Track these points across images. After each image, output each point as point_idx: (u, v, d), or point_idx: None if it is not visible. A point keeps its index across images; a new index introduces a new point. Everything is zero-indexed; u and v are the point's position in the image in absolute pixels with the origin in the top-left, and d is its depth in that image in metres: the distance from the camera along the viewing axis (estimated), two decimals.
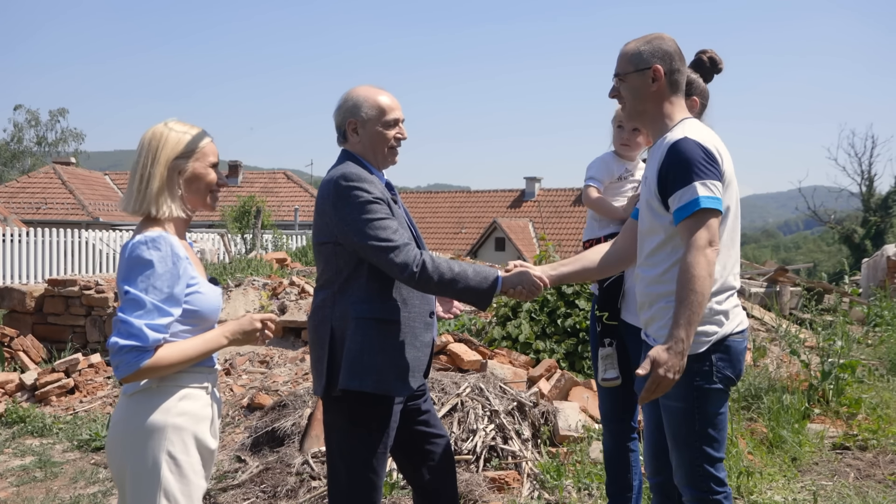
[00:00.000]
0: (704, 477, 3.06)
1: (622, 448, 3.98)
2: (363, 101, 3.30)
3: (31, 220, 26.74)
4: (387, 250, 3.09)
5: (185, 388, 2.66)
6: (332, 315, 3.21)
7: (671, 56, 3.10)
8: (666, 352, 2.82)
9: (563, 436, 5.49)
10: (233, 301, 8.75)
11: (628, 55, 3.15)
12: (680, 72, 3.13)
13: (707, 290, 2.82)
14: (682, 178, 2.89)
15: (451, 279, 3.16)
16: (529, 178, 43.54)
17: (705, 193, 2.86)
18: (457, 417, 5.35)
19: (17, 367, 8.40)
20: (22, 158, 55.70)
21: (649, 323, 3.13)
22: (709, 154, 2.92)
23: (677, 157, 2.92)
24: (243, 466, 5.47)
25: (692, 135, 2.95)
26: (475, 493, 4.74)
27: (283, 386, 7.06)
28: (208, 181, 2.79)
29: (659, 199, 3.00)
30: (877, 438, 5.82)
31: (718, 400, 3.05)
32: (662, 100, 3.12)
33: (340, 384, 3.16)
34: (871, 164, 47.92)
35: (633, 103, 3.18)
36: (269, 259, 12.55)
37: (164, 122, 2.76)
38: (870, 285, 13.96)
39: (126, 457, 2.60)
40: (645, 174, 3.17)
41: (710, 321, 2.98)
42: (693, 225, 2.86)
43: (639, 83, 3.13)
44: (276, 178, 40.10)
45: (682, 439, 3.07)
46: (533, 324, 7.36)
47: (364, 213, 3.12)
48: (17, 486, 5.61)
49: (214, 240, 19.14)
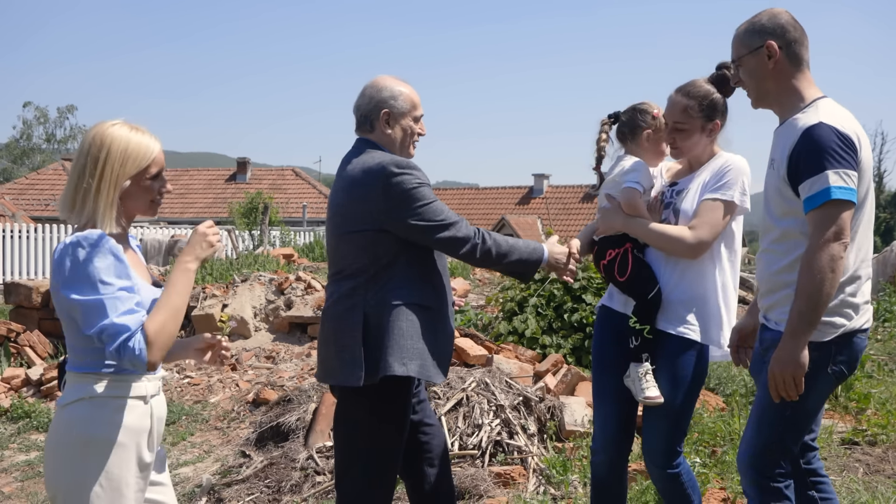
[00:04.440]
0: (773, 464, 2.95)
1: (619, 477, 3.55)
2: (398, 94, 3.29)
3: (40, 217, 26.81)
4: (448, 227, 3.18)
5: (120, 399, 2.54)
6: (366, 302, 3.16)
7: (784, 29, 2.96)
8: (780, 350, 2.79)
9: (570, 431, 5.45)
10: (239, 296, 8.73)
11: (739, 38, 3.04)
12: (798, 43, 2.97)
13: (829, 286, 2.73)
14: (813, 166, 2.76)
15: (508, 250, 3.29)
16: (538, 175, 43.43)
17: (838, 183, 2.72)
18: (462, 412, 5.32)
19: (24, 363, 8.41)
20: (31, 155, 55.84)
21: (771, 308, 3.01)
22: (845, 140, 2.77)
23: (811, 143, 2.78)
24: (248, 461, 5.45)
25: (828, 119, 2.80)
26: (480, 487, 4.71)
27: (289, 381, 7.03)
28: (150, 193, 2.65)
29: (788, 184, 2.87)
30: (886, 433, 5.77)
31: (822, 394, 2.95)
32: (785, 76, 2.98)
33: (383, 370, 3.10)
34: (880, 161, 47.73)
35: (756, 85, 3.05)
36: (276, 255, 12.54)
37: (111, 123, 2.60)
38: (879, 281, 13.87)
39: (58, 472, 2.51)
40: (772, 156, 3.02)
41: (840, 313, 2.87)
42: (822, 217, 2.74)
43: (755, 64, 3.00)
44: (284, 174, 40.11)
45: (766, 420, 2.96)
46: (539, 319, 7.33)
47: (420, 197, 3.16)
48: (22, 481, 5.61)
49: (222, 236, 19.13)
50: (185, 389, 7.35)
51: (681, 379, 3.32)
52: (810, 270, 2.73)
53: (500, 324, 7.53)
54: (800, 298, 2.76)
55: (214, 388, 7.29)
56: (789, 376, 2.79)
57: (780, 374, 2.80)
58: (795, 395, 2.82)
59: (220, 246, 2.73)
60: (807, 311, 2.75)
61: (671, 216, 3.40)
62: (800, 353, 2.77)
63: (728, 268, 3.39)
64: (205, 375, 7.62)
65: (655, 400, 3.28)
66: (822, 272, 2.71)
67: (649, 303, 3.33)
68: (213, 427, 6.47)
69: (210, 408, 6.85)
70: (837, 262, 2.72)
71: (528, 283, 3.40)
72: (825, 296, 2.73)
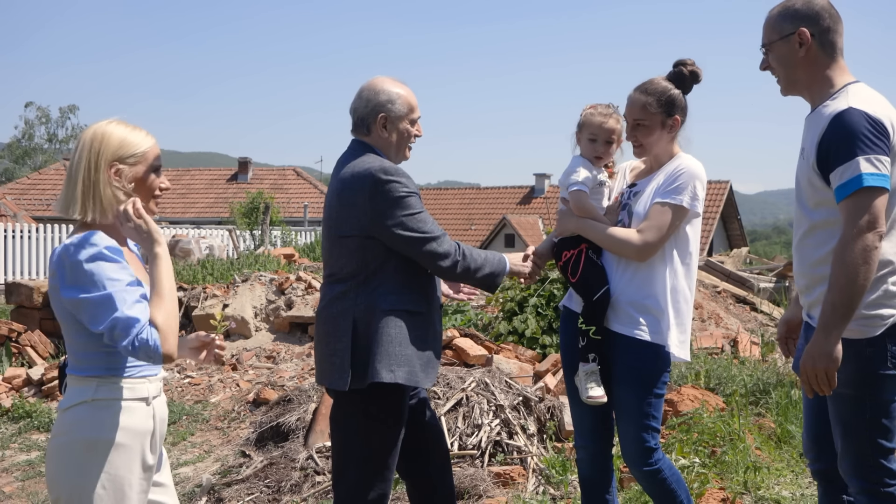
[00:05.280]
0: (875, 468, 2.87)
1: (603, 472, 3.61)
2: (396, 97, 3.27)
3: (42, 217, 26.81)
4: (429, 240, 3.17)
5: (122, 401, 2.53)
6: (355, 307, 3.16)
7: (818, 16, 2.87)
8: (813, 344, 2.72)
9: (569, 431, 5.44)
10: (239, 296, 8.74)
11: (771, 22, 2.95)
12: (832, 30, 2.88)
13: (863, 278, 2.64)
14: (844, 153, 2.67)
15: (481, 264, 3.29)
16: (539, 175, 43.43)
17: (869, 170, 2.64)
18: (462, 412, 5.32)
19: (25, 363, 8.42)
20: (33, 155, 55.91)
21: (813, 305, 2.92)
22: (876, 125, 2.69)
23: (840, 130, 2.70)
24: (247, 461, 5.46)
25: (858, 104, 2.72)
26: (480, 487, 4.71)
27: (290, 381, 7.04)
28: (149, 186, 2.64)
29: (819, 173, 2.79)
30: None
31: (892, 387, 2.85)
32: (817, 65, 2.90)
33: (371, 377, 3.10)
34: None
35: (785, 73, 2.97)
36: (277, 255, 12.54)
37: (107, 121, 2.61)
38: None
39: (61, 475, 2.51)
40: (802, 145, 2.96)
41: (886, 304, 2.78)
42: (854, 205, 2.65)
43: (785, 51, 2.93)
44: (285, 174, 40.11)
45: (851, 428, 2.87)
46: (539, 319, 7.33)
47: (405, 206, 3.14)
48: (23, 481, 5.62)
49: (223, 236, 19.16)
50: (186, 389, 7.35)
51: (637, 379, 3.36)
52: (843, 262, 2.65)
53: (500, 324, 7.53)
54: (833, 291, 2.68)
55: (215, 387, 7.29)
56: (822, 371, 2.72)
57: (813, 370, 2.74)
58: (829, 391, 2.76)
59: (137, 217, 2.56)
60: (840, 304, 2.66)
61: (626, 218, 3.44)
62: (833, 348, 2.70)
63: (681, 271, 3.39)
64: (205, 375, 7.63)
65: (598, 399, 3.35)
66: (856, 264, 2.63)
67: (594, 304, 3.39)
68: (213, 427, 6.48)
69: (210, 407, 6.85)
70: (871, 253, 2.64)
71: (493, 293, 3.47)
72: (859, 288, 2.65)
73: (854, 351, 2.77)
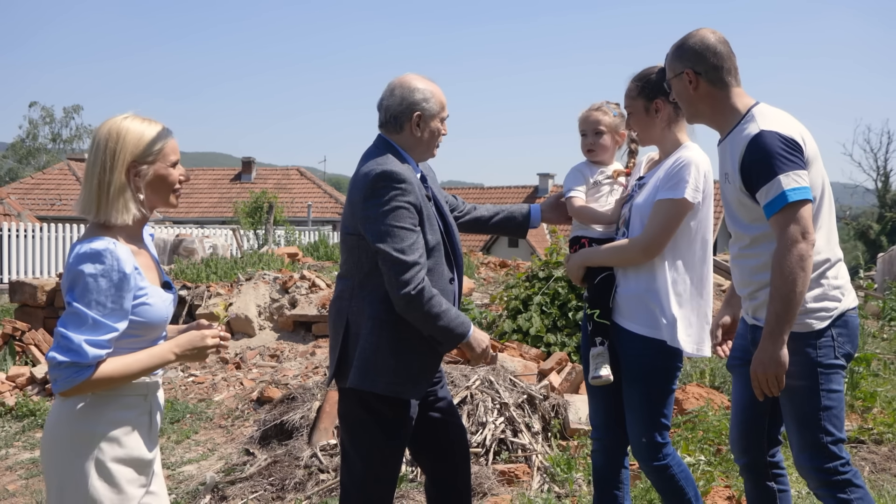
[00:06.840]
0: (830, 457, 3.00)
1: (615, 464, 3.59)
2: (430, 95, 3.23)
3: (46, 217, 26.86)
4: (397, 262, 3.00)
5: (119, 395, 2.53)
6: (350, 308, 3.17)
7: (702, 56, 3.03)
8: (761, 351, 2.89)
9: (574, 429, 5.44)
10: (243, 294, 8.73)
11: (668, 60, 3.14)
12: (720, 67, 3.03)
13: (801, 285, 2.82)
14: (765, 173, 2.86)
15: (438, 314, 3.08)
16: (543, 175, 43.40)
17: (791, 185, 2.82)
18: (466, 410, 5.31)
19: (29, 361, 8.42)
20: (37, 155, 55.97)
21: (759, 308, 3.07)
22: (788, 143, 2.87)
23: (757, 152, 2.88)
24: (251, 459, 5.45)
25: (769, 125, 2.92)
26: (484, 485, 4.70)
27: (294, 379, 7.03)
28: (170, 181, 2.61)
29: (747, 194, 2.96)
30: (892, 432, 5.74)
31: (839, 376, 3.02)
32: (714, 98, 3.07)
33: (350, 382, 3.12)
34: (886, 159, 47.35)
35: (686, 106, 3.15)
36: (281, 254, 12.53)
37: (123, 116, 2.57)
38: (885, 280, 13.82)
39: (54, 463, 2.50)
40: (724, 170, 3.10)
41: (830, 297, 2.98)
42: (784, 219, 2.83)
43: (680, 88, 3.11)
44: (289, 174, 40.12)
45: (806, 419, 3.01)
46: (544, 317, 7.31)
47: (393, 218, 3.03)
48: (27, 479, 5.63)
49: (227, 235, 19.17)
50: (190, 387, 7.35)
51: (640, 373, 3.37)
52: (782, 272, 2.83)
53: (505, 322, 7.51)
54: (775, 301, 2.86)
55: (219, 386, 7.29)
56: (772, 376, 2.90)
57: (764, 375, 2.92)
58: (778, 392, 2.94)
59: (209, 350, 2.65)
60: (783, 311, 2.85)
61: (627, 211, 3.45)
62: (779, 353, 2.88)
63: (686, 264, 3.34)
64: (209, 374, 7.62)
65: (603, 379, 3.38)
66: (794, 272, 2.81)
67: (597, 287, 3.45)
68: (217, 425, 6.47)
69: (214, 406, 6.85)
70: (807, 261, 2.82)
71: (443, 354, 3.30)
72: (799, 295, 2.84)
73: (804, 343, 2.96)
